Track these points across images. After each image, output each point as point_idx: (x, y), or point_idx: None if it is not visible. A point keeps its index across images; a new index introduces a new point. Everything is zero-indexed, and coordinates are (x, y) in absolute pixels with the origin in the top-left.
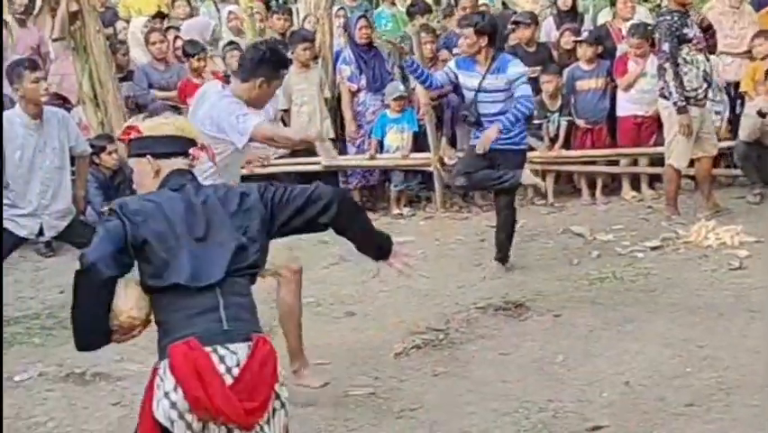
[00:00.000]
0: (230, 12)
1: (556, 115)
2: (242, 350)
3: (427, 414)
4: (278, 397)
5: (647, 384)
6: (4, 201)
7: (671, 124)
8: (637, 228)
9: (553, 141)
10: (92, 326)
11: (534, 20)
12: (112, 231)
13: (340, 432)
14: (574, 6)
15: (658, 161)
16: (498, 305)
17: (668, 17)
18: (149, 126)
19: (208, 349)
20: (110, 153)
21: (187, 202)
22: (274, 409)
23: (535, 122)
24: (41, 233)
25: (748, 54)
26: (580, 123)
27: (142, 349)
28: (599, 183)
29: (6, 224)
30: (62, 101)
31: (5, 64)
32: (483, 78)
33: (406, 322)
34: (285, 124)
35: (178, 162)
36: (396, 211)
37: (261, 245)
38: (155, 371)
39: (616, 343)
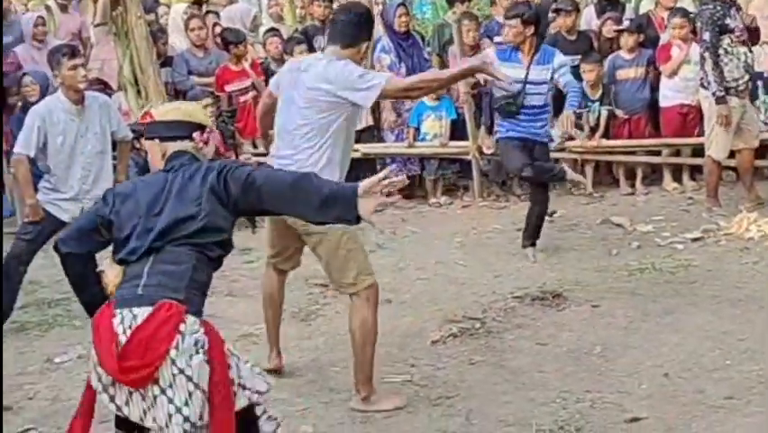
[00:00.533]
0: None
1: (597, 104)
2: (142, 314)
3: (464, 402)
4: (173, 363)
5: (686, 376)
6: (46, 185)
7: (710, 114)
8: (678, 219)
9: (593, 130)
10: (89, 295)
11: (575, 7)
12: (88, 213)
13: (376, 418)
14: None
15: (701, 151)
16: (536, 294)
17: (710, 6)
18: (159, 112)
19: (116, 311)
20: None
21: (164, 181)
22: (174, 375)
23: (576, 111)
24: None
25: None
26: (620, 112)
27: None
28: (639, 174)
29: (48, 207)
30: (103, 86)
31: (48, 49)
32: (529, 69)
33: (442, 310)
34: None
35: (184, 145)
36: (433, 200)
37: (211, 219)
38: None
39: (655, 334)
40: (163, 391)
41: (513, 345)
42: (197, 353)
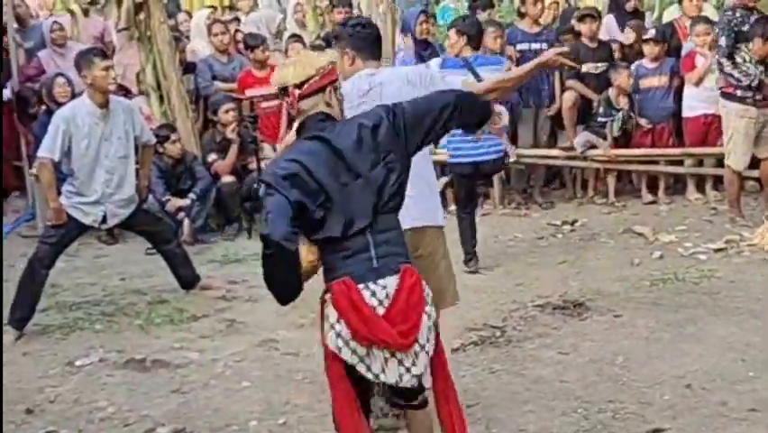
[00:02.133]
0: (297, 3)
1: (621, 113)
2: (391, 283)
3: (484, 411)
4: (429, 316)
5: (709, 388)
6: (70, 189)
7: (728, 124)
8: (701, 230)
9: (617, 140)
10: (290, 286)
11: (597, 15)
12: (280, 206)
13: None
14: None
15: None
16: (557, 303)
17: (729, 13)
18: (293, 74)
19: (361, 286)
20: (174, 142)
21: (327, 151)
22: (429, 328)
23: (599, 119)
24: (104, 220)
25: None
26: (643, 121)
27: (201, 338)
28: (662, 183)
29: (72, 211)
30: (124, 92)
31: (72, 53)
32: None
33: (463, 318)
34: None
35: (316, 101)
36: (451, 207)
37: (400, 173)
38: (323, 302)
39: (677, 345)
40: (422, 347)
41: (534, 355)
42: (431, 303)
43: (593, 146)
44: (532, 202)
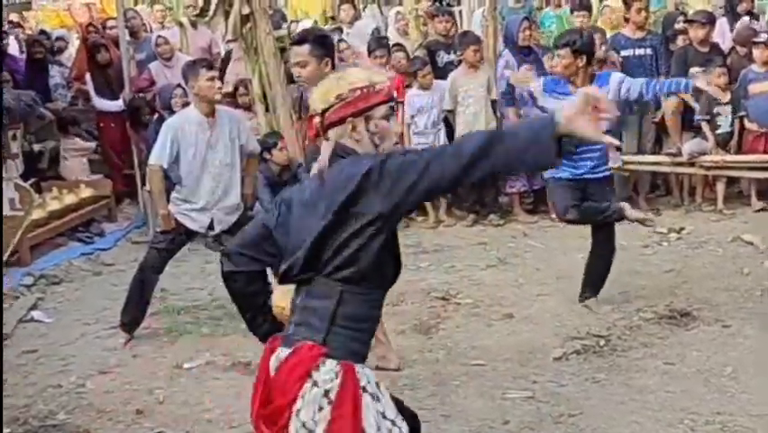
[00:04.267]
0: (398, 12)
1: (728, 107)
2: (284, 354)
3: (587, 420)
4: (297, 415)
5: None
6: (177, 196)
7: None
8: None
9: (720, 145)
10: (240, 311)
11: (710, 20)
12: (254, 226)
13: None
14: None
15: None
16: (663, 313)
17: None
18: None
19: (276, 345)
20: (281, 149)
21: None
22: (296, 430)
23: (697, 117)
24: (210, 227)
25: None
26: (752, 126)
27: None
28: None
29: (180, 218)
30: (235, 103)
31: (181, 65)
32: None
33: (565, 327)
34: (449, 125)
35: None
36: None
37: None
38: None
39: None
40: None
41: (639, 364)
42: (311, 402)
43: (702, 153)
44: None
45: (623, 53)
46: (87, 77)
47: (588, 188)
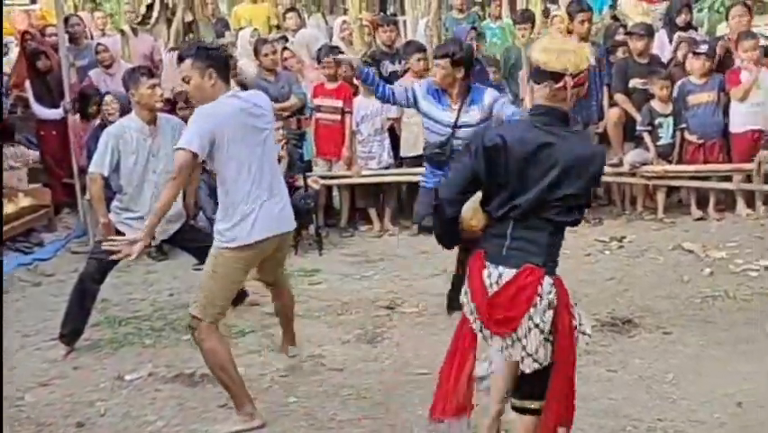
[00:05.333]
0: (343, 21)
1: (670, 119)
2: (506, 274)
3: None
4: (530, 319)
5: (762, 406)
6: (118, 204)
7: None
8: (751, 246)
9: (662, 155)
10: (444, 241)
11: (648, 32)
12: (460, 171)
13: None
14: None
15: None
16: (606, 321)
17: None
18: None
19: (487, 263)
20: None
21: (536, 144)
22: (529, 328)
23: (638, 128)
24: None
25: None
26: (692, 138)
27: (248, 353)
28: (712, 199)
29: (120, 227)
30: (171, 106)
31: (122, 72)
32: (459, 112)
33: None
34: (393, 133)
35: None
36: None
37: (574, 194)
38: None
39: (728, 363)
40: (518, 340)
41: (582, 372)
42: (545, 309)
43: (644, 163)
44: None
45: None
46: (27, 84)
47: None
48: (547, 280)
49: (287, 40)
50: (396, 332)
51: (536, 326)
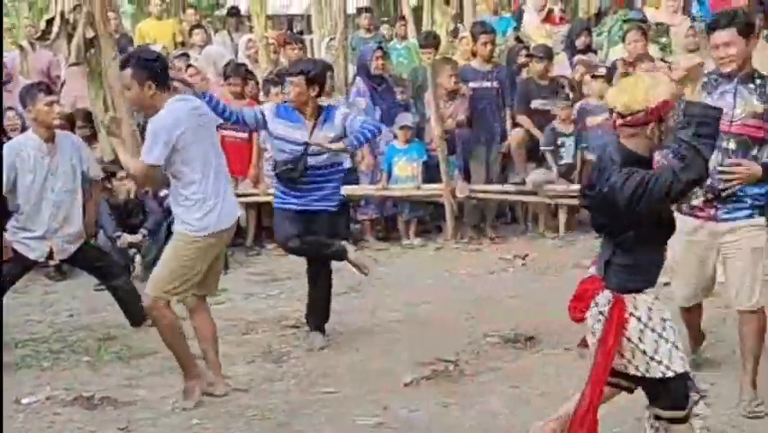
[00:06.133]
0: (249, 39)
1: (572, 139)
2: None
3: None
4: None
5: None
6: (14, 224)
7: None
8: None
9: (563, 175)
10: None
11: (548, 54)
12: None
13: None
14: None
15: None
16: (509, 337)
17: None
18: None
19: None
20: (121, 180)
21: None
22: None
23: (541, 148)
24: (50, 256)
25: None
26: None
27: (150, 375)
28: None
29: (17, 246)
30: (70, 125)
31: (20, 88)
32: (312, 131)
33: (416, 352)
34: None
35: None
36: (406, 241)
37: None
38: None
39: None
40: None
41: (486, 388)
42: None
43: (546, 182)
44: (484, 237)
45: (471, 85)
46: None
47: (315, 221)
48: (605, 294)
49: (188, 57)
50: (301, 351)
51: (591, 326)
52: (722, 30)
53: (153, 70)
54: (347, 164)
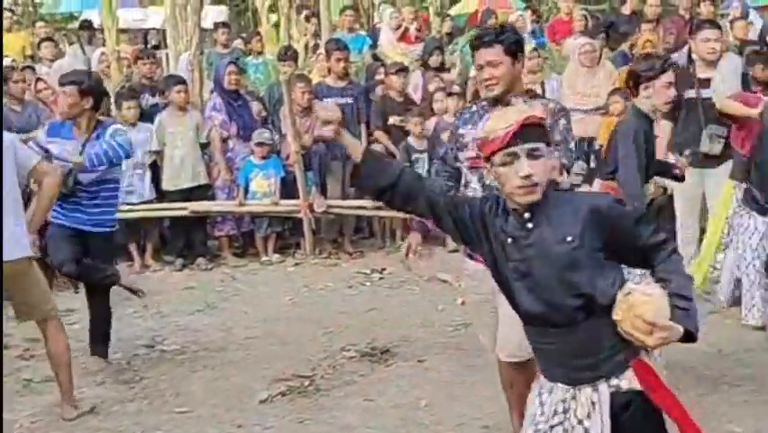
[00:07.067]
0: (102, 53)
1: (425, 155)
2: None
3: None
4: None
5: (501, 429)
6: None
7: None
8: None
9: None
10: None
11: (403, 71)
12: None
13: None
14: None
15: None
16: (365, 351)
17: None
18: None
19: None
20: None
21: None
22: None
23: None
24: None
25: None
26: None
27: None
28: None
29: None
30: None
31: None
32: (85, 145)
33: (271, 369)
34: (156, 167)
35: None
36: (264, 258)
37: None
38: None
39: (476, 388)
40: None
41: (341, 403)
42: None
43: None
44: (342, 251)
45: (326, 101)
46: None
47: (90, 243)
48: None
49: (34, 70)
50: (154, 371)
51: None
52: (486, 48)
53: None
54: (124, 183)
